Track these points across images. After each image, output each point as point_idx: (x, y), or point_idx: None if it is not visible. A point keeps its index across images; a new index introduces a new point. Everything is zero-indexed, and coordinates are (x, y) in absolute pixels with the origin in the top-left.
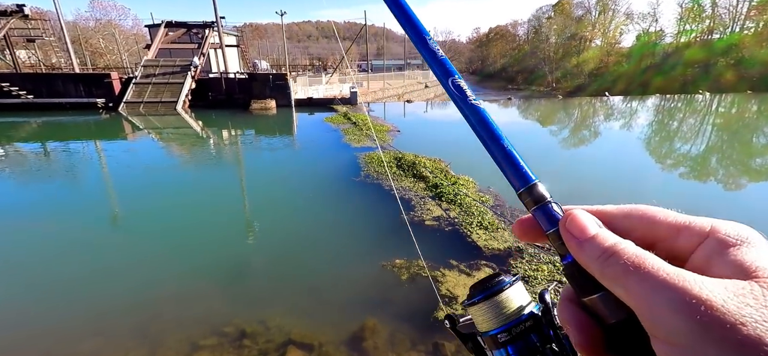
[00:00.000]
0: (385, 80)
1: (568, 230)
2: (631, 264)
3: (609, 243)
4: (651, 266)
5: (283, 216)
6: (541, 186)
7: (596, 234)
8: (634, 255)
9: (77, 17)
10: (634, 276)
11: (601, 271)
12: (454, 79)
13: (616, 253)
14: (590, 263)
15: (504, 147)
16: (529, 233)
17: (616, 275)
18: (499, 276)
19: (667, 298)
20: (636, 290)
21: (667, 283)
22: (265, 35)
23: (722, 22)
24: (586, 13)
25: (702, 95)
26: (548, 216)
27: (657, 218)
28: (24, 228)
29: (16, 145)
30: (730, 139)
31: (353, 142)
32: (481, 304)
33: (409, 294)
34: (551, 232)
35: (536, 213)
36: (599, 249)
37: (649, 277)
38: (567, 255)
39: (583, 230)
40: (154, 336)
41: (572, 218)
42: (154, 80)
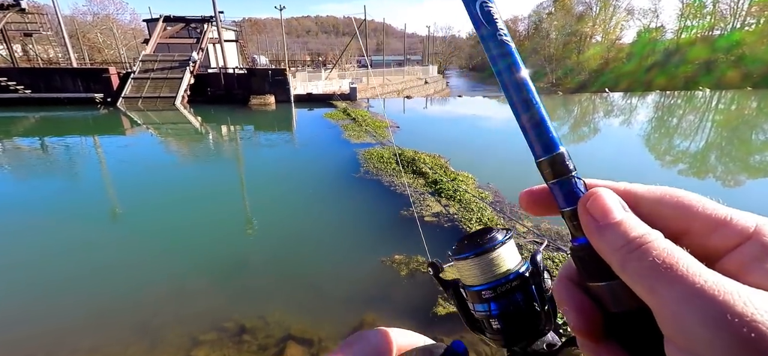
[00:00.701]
0: (384, 76)
1: (589, 211)
2: (661, 263)
3: (635, 233)
4: (685, 269)
5: (283, 212)
6: (566, 156)
7: (621, 221)
8: (664, 252)
9: (75, 11)
10: (664, 278)
11: (622, 264)
12: (485, 3)
13: (644, 247)
14: (610, 253)
15: (533, 102)
16: (539, 205)
17: (641, 272)
18: (491, 233)
19: (702, 310)
20: (663, 294)
21: (705, 293)
22: (264, 30)
23: (723, 18)
24: (586, 9)
25: (702, 92)
26: (568, 192)
27: (694, 208)
28: (23, 224)
29: (15, 140)
30: (729, 136)
31: (353, 137)
32: (469, 260)
33: (409, 289)
34: (567, 210)
35: (554, 187)
36: (623, 239)
37: (681, 281)
38: (580, 237)
39: (607, 213)
40: (154, 332)
41: (595, 198)
42: (152, 75)
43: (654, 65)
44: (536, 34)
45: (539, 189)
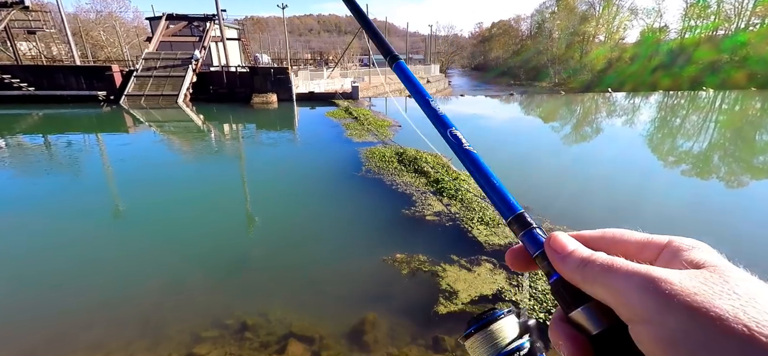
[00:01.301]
0: (386, 75)
1: (552, 248)
2: (604, 265)
3: (586, 254)
4: (621, 263)
5: (284, 210)
6: (526, 214)
7: (575, 249)
8: (606, 259)
9: (78, 9)
10: (608, 273)
11: (581, 277)
12: (452, 130)
13: (592, 259)
14: (572, 272)
15: (494, 183)
16: (520, 261)
17: (594, 276)
18: (494, 309)
19: (636, 283)
20: (610, 283)
21: (635, 271)
22: (266, 29)
23: (728, 18)
24: (590, 9)
25: (706, 92)
26: (534, 240)
27: (624, 237)
28: (26, 220)
29: (19, 138)
30: (733, 137)
31: (355, 136)
32: (475, 335)
33: (410, 288)
34: (538, 254)
35: (523, 239)
36: (578, 260)
37: (619, 270)
38: (553, 274)
39: (564, 247)
40: (157, 328)
41: (554, 238)
42: (155, 73)
43: (658, 66)
44: (539, 34)
45: (517, 248)
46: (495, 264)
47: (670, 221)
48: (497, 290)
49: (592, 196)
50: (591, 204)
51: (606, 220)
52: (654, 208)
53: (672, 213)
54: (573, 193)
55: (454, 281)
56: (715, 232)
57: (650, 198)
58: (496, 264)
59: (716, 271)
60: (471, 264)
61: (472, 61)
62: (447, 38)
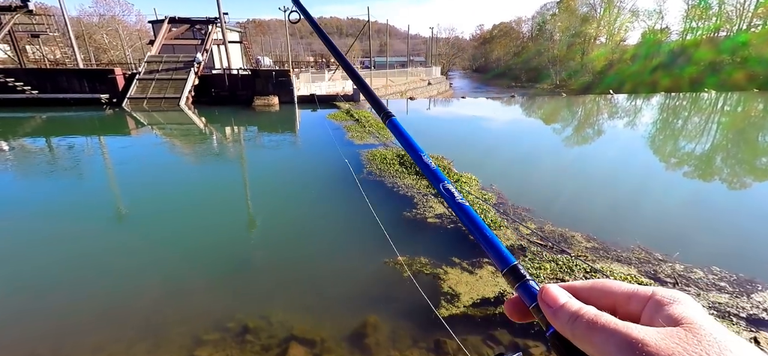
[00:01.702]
0: (387, 77)
1: (544, 301)
2: (590, 322)
3: (575, 308)
4: (605, 321)
5: (286, 213)
6: (520, 266)
7: (566, 303)
8: (593, 315)
9: (81, 13)
10: (594, 331)
11: (572, 332)
12: (444, 184)
13: (580, 315)
14: (564, 327)
15: (487, 236)
16: (518, 312)
17: (582, 332)
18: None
19: (615, 343)
20: (596, 341)
21: (616, 331)
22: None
23: (729, 19)
24: (591, 10)
25: (707, 93)
26: (529, 292)
27: (612, 289)
28: (29, 222)
29: (22, 141)
30: (734, 138)
31: (356, 138)
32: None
33: (411, 291)
34: (533, 307)
35: (519, 290)
36: (568, 314)
37: (604, 329)
38: (549, 327)
39: (555, 300)
40: (158, 331)
41: (546, 291)
42: (157, 76)
43: (659, 67)
44: (540, 36)
45: (514, 298)
46: (496, 266)
47: (672, 222)
48: (499, 293)
49: (593, 198)
50: (592, 206)
51: (607, 222)
52: (655, 209)
53: (673, 215)
54: (574, 194)
55: (456, 284)
56: (717, 232)
57: (652, 200)
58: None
59: (691, 329)
60: (473, 266)
61: (473, 62)
62: (448, 40)
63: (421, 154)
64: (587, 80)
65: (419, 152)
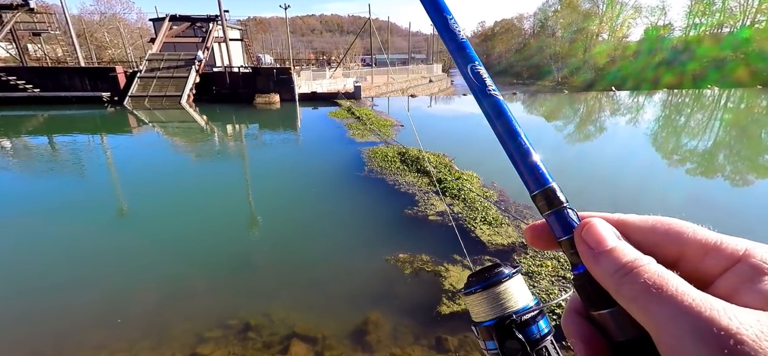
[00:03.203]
0: (389, 75)
1: (584, 240)
2: (652, 284)
3: (628, 259)
4: (675, 289)
5: (287, 211)
6: (557, 189)
7: (614, 247)
8: (656, 275)
9: (82, 11)
10: (655, 298)
11: (617, 288)
12: (474, 65)
13: (636, 270)
14: (606, 278)
15: (522, 144)
16: (542, 239)
17: (634, 294)
18: (499, 267)
19: (692, 326)
20: (656, 313)
21: (693, 310)
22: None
23: (733, 15)
24: (593, 6)
25: (710, 90)
26: (563, 222)
27: (685, 234)
28: (32, 220)
29: (24, 139)
30: (738, 135)
31: (357, 136)
32: (478, 294)
33: (412, 288)
34: (565, 240)
35: (550, 218)
36: (617, 264)
37: (671, 301)
38: (579, 265)
39: (601, 242)
40: (161, 328)
41: (589, 227)
42: (158, 74)
43: (662, 63)
44: (542, 32)
45: (540, 223)
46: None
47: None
48: None
49: (595, 195)
50: (594, 204)
51: None
52: (657, 207)
53: (676, 212)
54: (576, 192)
55: (457, 281)
56: (719, 230)
57: (654, 197)
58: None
59: None
60: (474, 264)
61: None
62: None
63: (448, 18)
64: (589, 77)
65: (445, 14)
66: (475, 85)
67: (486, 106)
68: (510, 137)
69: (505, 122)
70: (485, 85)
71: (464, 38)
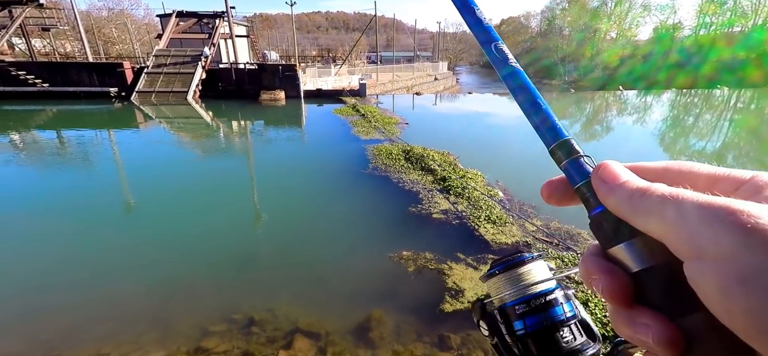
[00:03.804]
0: (394, 72)
1: (601, 177)
2: (664, 195)
3: (641, 185)
4: (687, 193)
5: (292, 207)
6: (573, 141)
7: (628, 179)
8: (668, 189)
9: (90, 6)
10: (670, 203)
11: (633, 209)
12: (497, 44)
13: (649, 190)
14: (621, 204)
15: (540, 105)
16: (558, 193)
17: (649, 207)
18: (521, 253)
19: (707, 213)
20: (670, 216)
21: (706, 202)
22: (274, 26)
23: (744, 15)
24: (601, 5)
25: (720, 90)
26: (579, 169)
27: (696, 170)
28: (39, 215)
29: (33, 133)
30: (748, 136)
31: (362, 134)
32: (500, 275)
33: (416, 285)
34: (581, 184)
35: (567, 167)
36: (631, 190)
37: (684, 202)
38: (596, 207)
39: (616, 176)
40: (166, 322)
41: (604, 167)
42: (165, 70)
43: (671, 63)
44: (549, 31)
45: (557, 178)
46: None
47: None
48: None
49: None
50: None
51: None
52: None
53: None
54: None
55: (461, 279)
56: None
57: None
58: None
59: None
60: (477, 262)
61: (481, 58)
62: (455, 35)
63: (474, 7)
64: (598, 77)
65: (471, 5)
66: (497, 58)
67: (507, 76)
68: (529, 99)
69: (525, 87)
70: (507, 58)
71: (488, 24)
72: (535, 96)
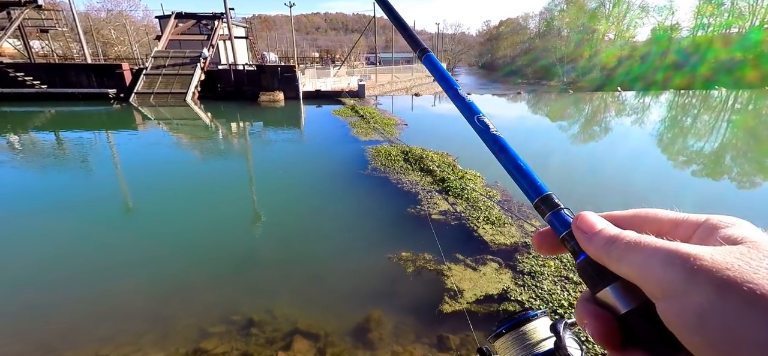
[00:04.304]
0: (393, 73)
1: (579, 227)
2: (633, 242)
3: (614, 233)
4: (648, 239)
5: (291, 208)
6: (554, 196)
7: (603, 228)
8: (633, 236)
9: (89, 8)
10: (635, 250)
11: (608, 255)
12: (479, 116)
13: (620, 238)
14: (598, 251)
15: (520, 165)
16: (547, 243)
17: (620, 254)
18: (526, 311)
19: (661, 257)
20: (637, 261)
21: (660, 247)
22: (273, 27)
23: (741, 16)
24: (599, 6)
25: (718, 91)
26: (561, 220)
27: (658, 216)
28: (37, 216)
29: (32, 134)
30: (745, 137)
31: (361, 135)
32: (507, 335)
33: (415, 286)
34: (565, 234)
35: (551, 219)
36: (605, 238)
37: (645, 248)
38: (580, 254)
39: (592, 226)
40: (165, 323)
41: (582, 217)
42: (164, 71)
43: (669, 64)
44: (548, 32)
45: (544, 230)
46: (501, 263)
47: None
48: (503, 290)
49: (600, 196)
50: (598, 204)
51: None
52: (665, 207)
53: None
54: (580, 193)
55: (460, 280)
56: None
57: (660, 199)
58: (501, 263)
59: (755, 246)
60: (476, 263)
61: (480, 59)
62: (454, 37)
63: (456, 87)
64: (596, 78)
65: (454, 86)
66: (480, 128)
67: (490, 142)
68: (510, 161)
69: (506, 150)
70: (488, 127)
71: (470, 100)
72: (515, 158)
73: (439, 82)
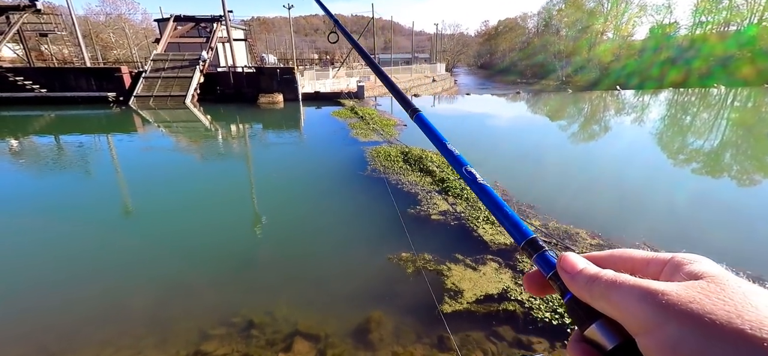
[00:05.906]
0: (392, 74)
1: (563, 268)
2: (611, 281)
3: (594, 272)
4: (623, 278)
5: (290, 209)
6: (538, 238)
7: (584, 267)
8: (611, 275)
9: (88, 12)
10: (613, 288)
11: (589, 294)
12: (466, 167)
13: (599, 277)
14: (581, 289)
15: (506, 212)
16: (537, 284)
17: (600, 292)
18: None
19: (636, 295)
20: (615, 298)
21: (634, 286)
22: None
23: (739, 13)
24: (598, 5)
25: (716, 89)
26: (546, 261)
27: (631, 255)
28: (37, 218)
29: (31, 138)
30: (744, 134)
31: (360, 136)
32: None
33: (415, 287)
34: (551, 275)
35: (537, 261)
36: (586, 277)
37: (621, 286)
38: (566, 293)
39: (574, 266)
40: (165, 325)
41: (564, 258)
42: (163, 74)
43: (667, 62)
44: (546, 31)
45: (532, 272)
46: (500, 263)
47: (679, 220)
48: (502, 289)
49: (598, 194)
50: (597, 203)
51: (612, 219)
52: (662, 207)
53: (680, 212)
54: (578, 191)
55: (460, 280)
56: (724, 230)
57: (658, 197)
58: (501, 263)
59: (714, 281)
60: (476, 263)
61: (478, 59)
62: (453, 37)
63: (446, 142)
64: (593, 75)
65: (444, 141)
66: (468, 178)
67: (477, 191)
68: (497, 208)
69: (492, 198)
70: (475, 177)
71: (458, 153)
72: (501, 205)
73: (431, 140)
